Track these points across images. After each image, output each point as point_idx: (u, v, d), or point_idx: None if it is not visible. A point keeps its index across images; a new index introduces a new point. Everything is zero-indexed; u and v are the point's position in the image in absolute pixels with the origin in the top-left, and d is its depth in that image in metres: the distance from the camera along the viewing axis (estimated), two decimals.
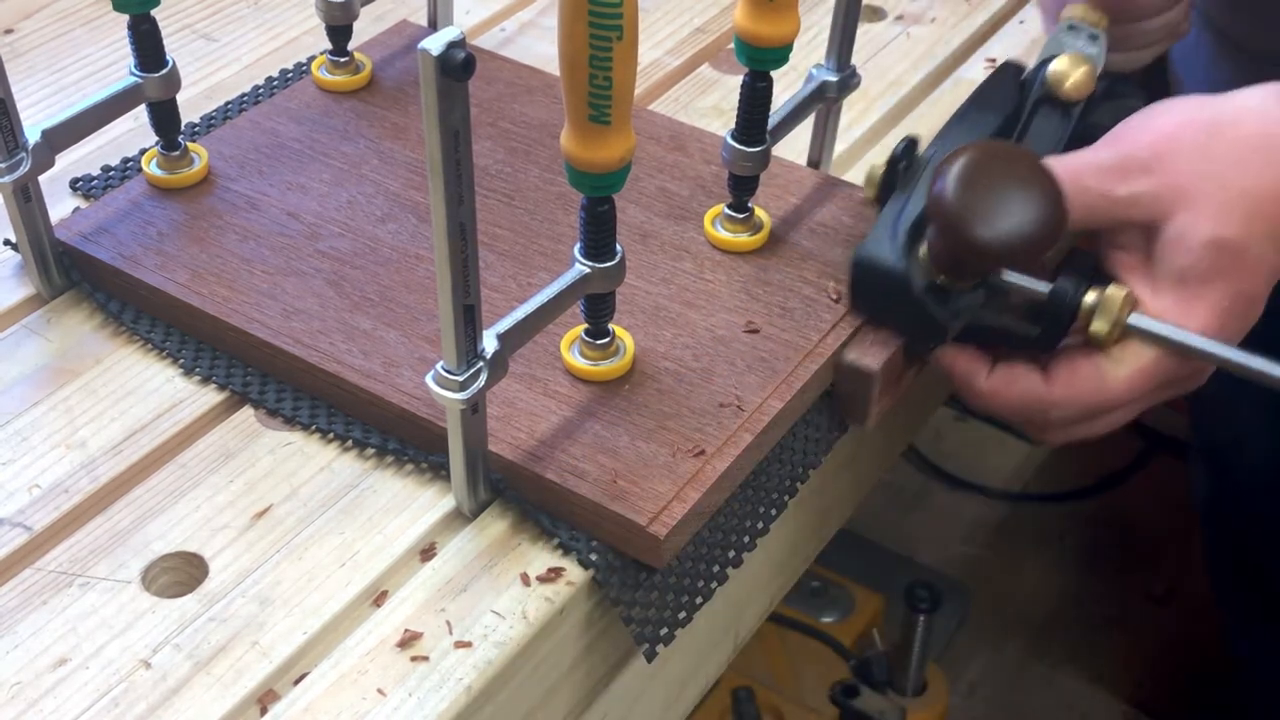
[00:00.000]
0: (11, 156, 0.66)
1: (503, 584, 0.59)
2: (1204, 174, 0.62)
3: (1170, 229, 0.63)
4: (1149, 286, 0.64)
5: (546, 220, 0.73)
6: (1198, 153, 0.63)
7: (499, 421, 0.62)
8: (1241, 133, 0.63)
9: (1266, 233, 0.62)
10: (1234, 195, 0.62)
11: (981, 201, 0.60)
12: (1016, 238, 0.60)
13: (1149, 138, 0.64)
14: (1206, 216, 0.62)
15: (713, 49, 0.91)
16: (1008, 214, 0.60)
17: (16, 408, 0.66)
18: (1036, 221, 0.61)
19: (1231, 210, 0.62)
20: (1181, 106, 0.65)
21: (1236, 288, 0.63)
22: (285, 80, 0.84)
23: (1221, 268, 0.62)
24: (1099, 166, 0.64)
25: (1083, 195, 0.63)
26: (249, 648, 0.56)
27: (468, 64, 0.48)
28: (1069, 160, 0.65)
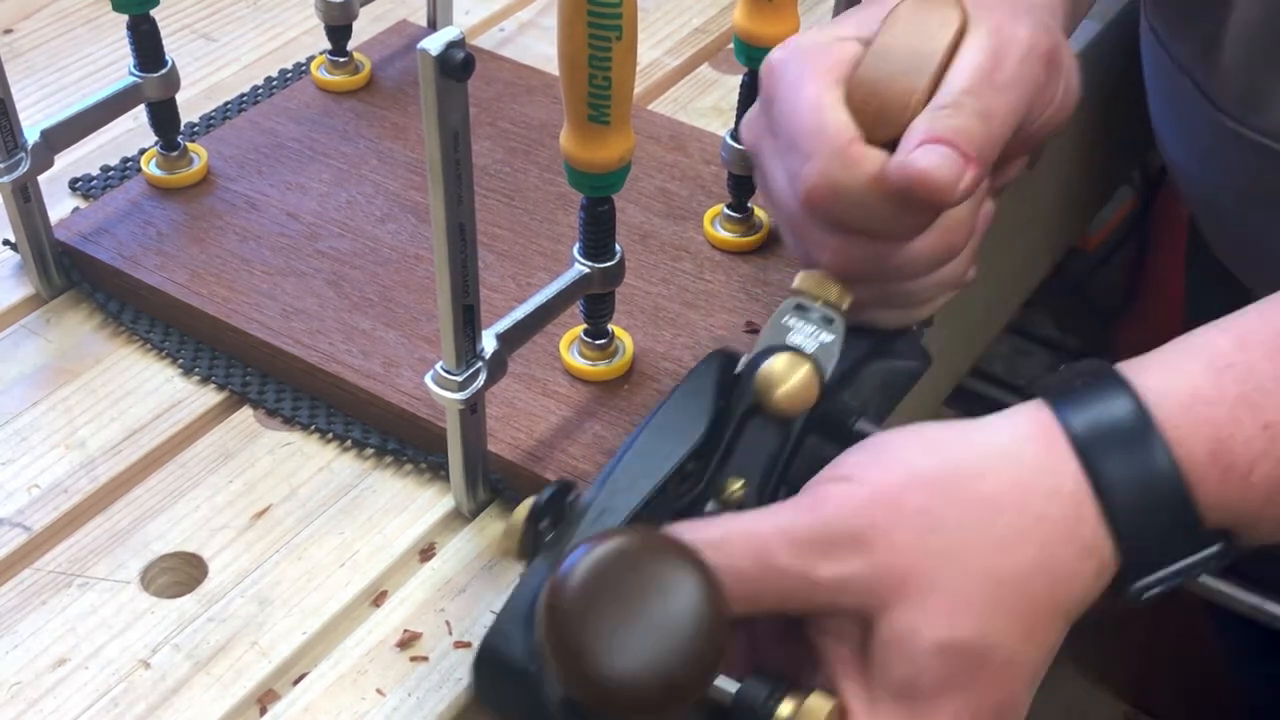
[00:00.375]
0: (11, 156, 0.66)
1: (502, 584, 0.59)
2: (932, 552, 0.47)
3: (888, 627, 0.47)
4: (865, 695, 0.47)
5: (546, 220, 0.73)
6: (925, 521, 0.47)
7: (498, 421, 0.62)
8: (986, 489, 0.48)
9: (1016, 625, 0.47)
10: (970, 581, 0.47)
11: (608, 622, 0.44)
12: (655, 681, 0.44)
13: (860, 500, 0.48)
14: (934, 612, 0.46)
15: (712, 49, 0.91)
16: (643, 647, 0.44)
17: (16, 408, 0.66)
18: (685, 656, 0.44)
19: (969, 603, 0.47)
20: (910, 449, 0.49)
21: (981, 701, 0.47)
22: (285, 80, 0.84)
23: (957, 678, 0.47)
24: (795, 539, 0.47)
25: (773, 577, 0.47)
26: (248, 648, 0.56)
27: (467, 64, 0.48)
28: (755, 528, 0.48)
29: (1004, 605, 0.47)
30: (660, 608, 0.44)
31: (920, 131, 0.52)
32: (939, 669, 0.47)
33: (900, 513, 0.47)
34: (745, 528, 0.48)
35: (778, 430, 0.54)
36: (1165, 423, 0.47)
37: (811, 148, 0.54)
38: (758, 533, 0.48)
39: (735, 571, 0.47)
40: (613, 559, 0.45)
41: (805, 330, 0.56)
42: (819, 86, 0.55)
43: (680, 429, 0.54)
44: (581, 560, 0.45)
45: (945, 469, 0.48)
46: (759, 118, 0.58)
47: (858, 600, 0.47)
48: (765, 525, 0.48)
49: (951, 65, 0.54)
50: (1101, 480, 0.47)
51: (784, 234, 0.59)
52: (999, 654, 0.47)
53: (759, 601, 0.48)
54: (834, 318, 0.56)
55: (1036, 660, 0.48)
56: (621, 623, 0.44)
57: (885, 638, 0.47)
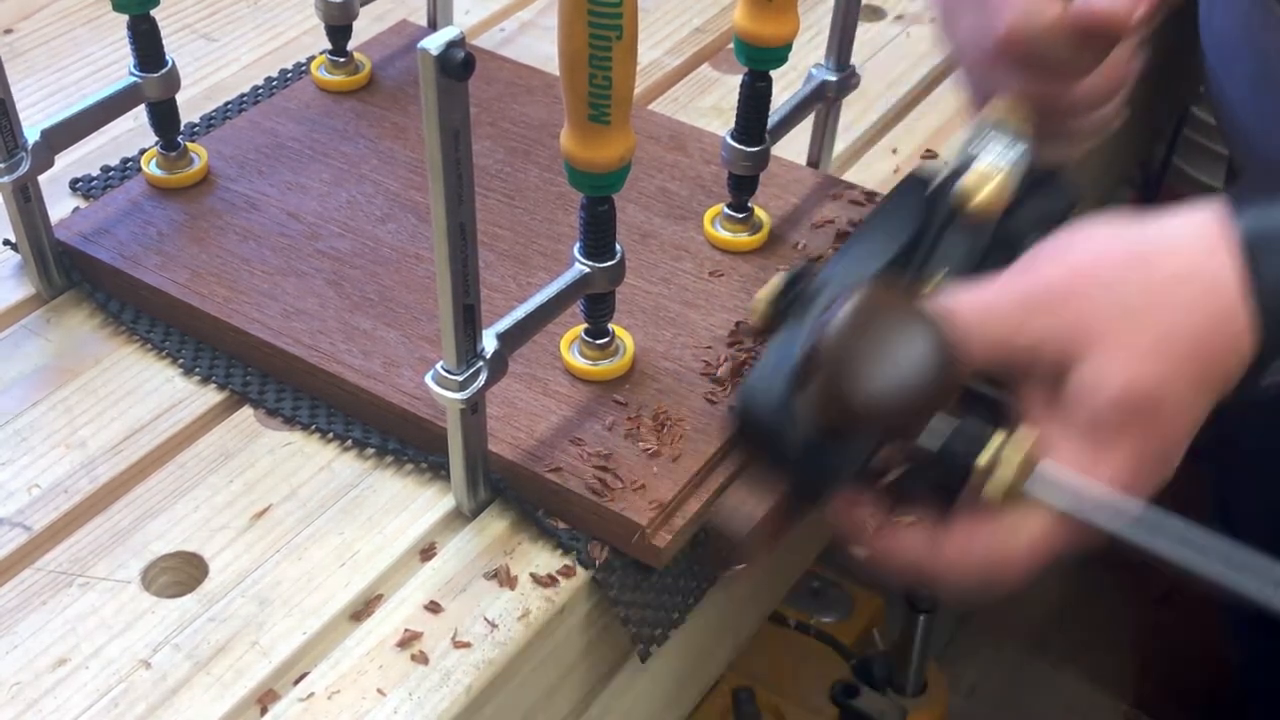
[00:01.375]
0: (11, 156, 0.66)
1: (502, 584, 0.59)
2: (1120, 314, 0.55)
3: (1080, 374, 0.55)
4: (1058, 433, 0.56)
5: (546, 220, 0.73)
6: (1114, 290, 0.56)
7: (499, 421, 0.62)
8: (1166, 267, 0.56)
9: (1189, 377, 0.55)
10: (1153, 338, 0.55)
11: (863, 359, 0.53)
12: (900, 403, 0.53)
13: (1058, 274, 0.57)
14: (1120, 362, 0.55)
15: (712, 49, 0.91)
16: (892, 374, 0.53)
17: (16, 408, 0.66)
18: (923, 385, 0.53)
19: (1148, 355, 0.55)
20: (1097, 234, 0.58)
21: (1151, 441, 0.56)
22: (285, 80, 0.84)
23: (1135, 420, 0.55)
24: (1001, 309, 0.57)
25: (985, 339, 0.56)
26: (249, 648, 0.56)
27: (467, 64, 0.48)
28: (971, 299, 0.57)
29: (1179, 358, 0.55)
30: (907, 346, 0.53)
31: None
32: (1120, 410, 0.55)
33: (1092, 281, 0.56)
34: (962, 302, 0.57)
35: (972, 237, 0.63)
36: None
37: None
38: (973, 303, 0.57)
39: (961, 330, 0.55)
40: (870, 307, 0.54)
41: (994, 149, 0.64)
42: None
43: (888, 235, 0.64)
44: (847, 305, 0.54)
45: (1130, 250, 0.57)
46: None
47: (1056, 352, 0.56)
48: (980, 298, 0.57)
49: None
50: (1256, 273, 0.55)
51: (968, 77, 0.69)
52: (1169, 403, 0.55)
53: (978, 354, 0.56)
54: (1020, 138, 0.64)
55: (1196, 417, 0.56)
56: (876, 358, 0.53)
57: (1077, 384, 0.55)
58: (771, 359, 0.58)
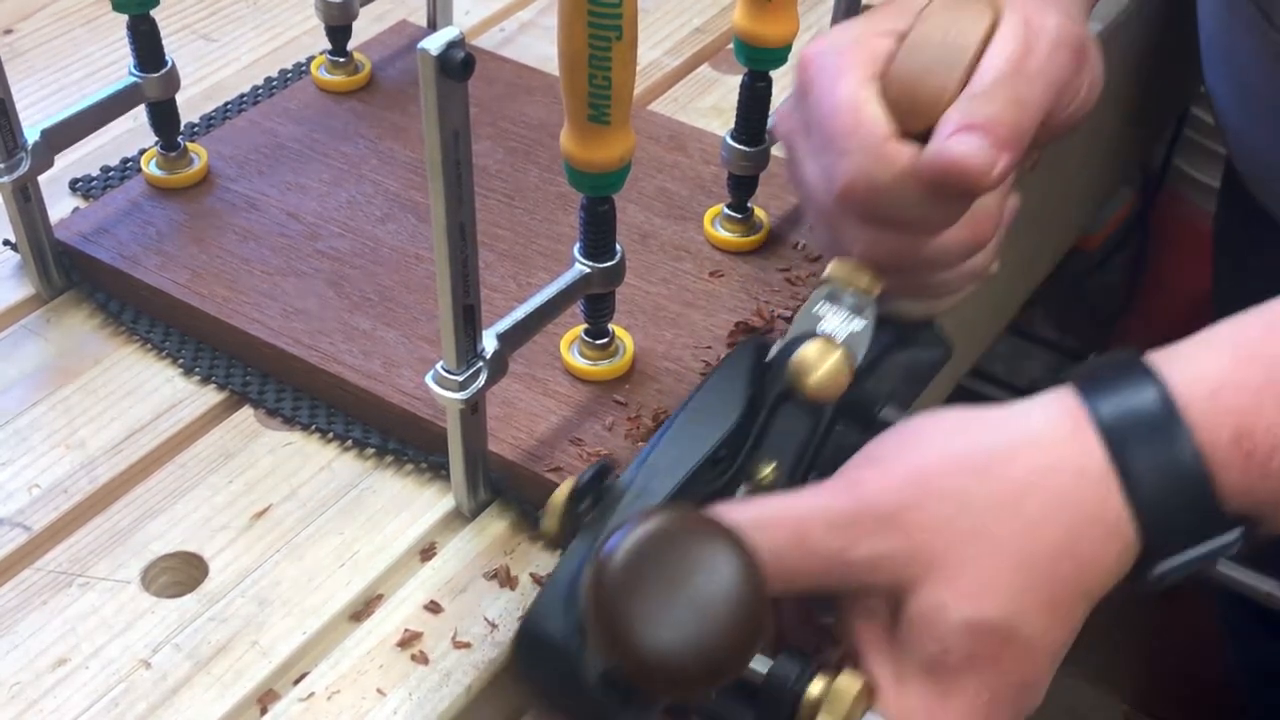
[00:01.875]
0: (11, 156, 0.66)
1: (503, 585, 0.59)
2: (962, 533, 0.48)
3: (918, 604, 0.48)
4: (892, 672, 0.49)
5: (546, 220, 0.73)
6: (955, 502, 0.48)
7: (499, 421, 0.62)
8: (1015, 471, 0.49)
9: (1042, 605, 0.48)
10: (1001, 561, 0.48)
11: (651, 602, 0.45)
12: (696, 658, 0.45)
13: (895, 479, 0.49)
14: (962, 590, 0.48)
15: (712, 49, 0.91)
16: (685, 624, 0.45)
17: (16, 408, 0.66)
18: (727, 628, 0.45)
19: (996, 581, 0.48)
20: (940, 432, 0.51)
21: (1003, 678, 0.49)
22: (285, 80, 0.84)
23: (983, 656, 0.48)
24: (830, 520, 0.49)
25: (810, 557, 0.49)
26: (249, 648, 0.56)
27: (467, 64, 0.48)
28: (792, 509, 0.50)
29: (1030, 586, 0.48)
30: (702, 586, 0.45)
31: (954, 120, 0.53)
32: (966, 646, 0.48)
33: (932, 494, 0.49)
34: (783, 509, 0.50)
35: (809, 416, 0.55)
36: (1190, 410, 0.48)
37: (847, 145, 0.55)
38: (795, 513, 0.49)
39: (773, 551, 0.48)
40: (656, 537, 0.46)
41: (837, 318, 0.57)
42: (854, 82, 0.55)
43: (715, 415, 0.55)
44: (625, 538, 0.46)
45: (975, 452, 0.50)
46: (793, 112, 0.59)
47: (890, 578, 0.49)
48: (802, 506, 0.50)
49: (984, 56, 0.55)
50: (1127, 467, 0.48)
51: (815, 225, 0.61)
52: (1024, 633, 0.48)
53: (795, 580, 0.49)
54: (865, 305, 0.57)
55: (1060, 639, 0.50)
56: (664, 600, 0.45)
57: (914, 615, 0.48)
58: (565, 574, 0.51)
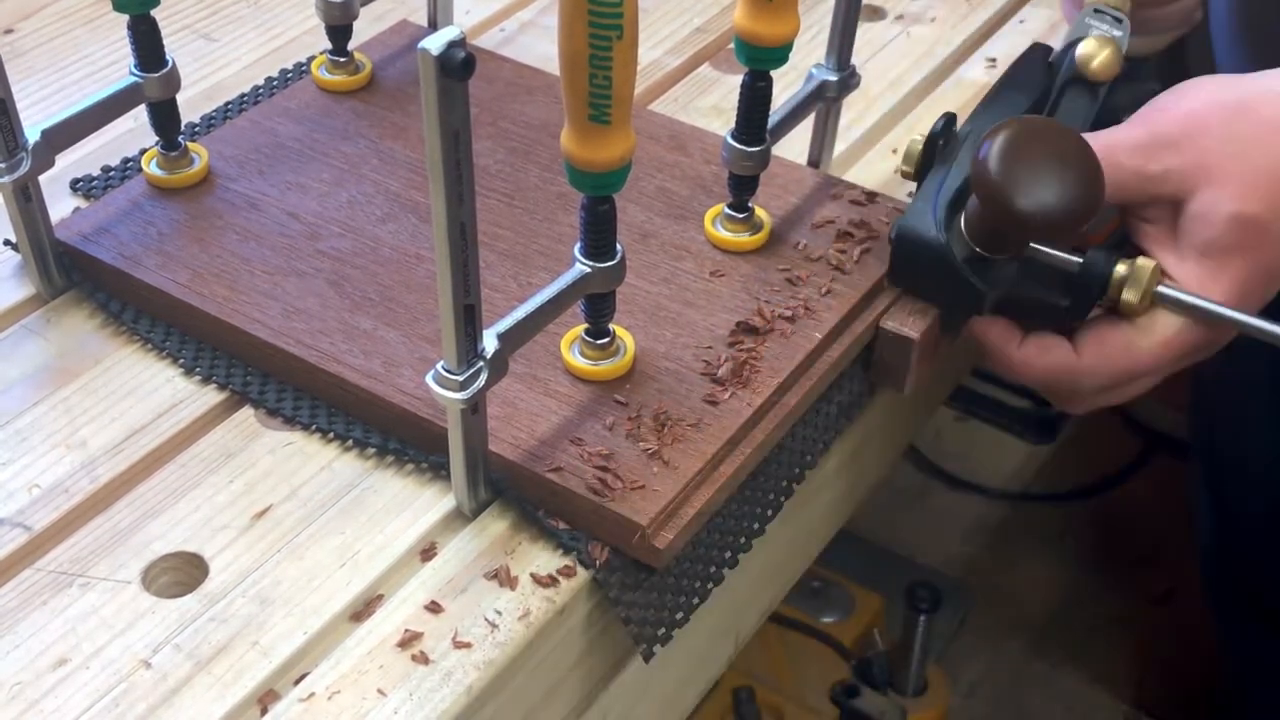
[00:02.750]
0: (11, 156, 0.66)
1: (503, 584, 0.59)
2: (1229, 153, 0.65)
3: (1196, 204, 0.65)
4: (1175, 258, 0.66)
5: (546, 220, 0.73)
6: (1223, 132, 0.65)
7: (499, 421, 0.62)
8: (1265, 114, 0.65)
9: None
10: (1257, 173, 0.64)
11: (1023, 174, 0.62)
12: (1057, 210, 0.62)
13: (1177, 117, 0.66)
14: (1231, 192, 0.64)
15: (713, 49, 0.91)
16: (1049, 187, 0.62)
17: (16, 408, 0.66)
18: (1076, 195, 0.62)
19: (1255, 187, 0.64)
20: (1209, 87, 0.67)
21: (1258, 261, 0.65)
22: (285, 80, 0.84)
23: (1244, 242, 0.64)
24: (1131, 144, 0.66)
25: (1115, 172, 0.64)
26: (249, 648, 0.56)
27: (467, 64, 0.48)
28: (1103, 137, 0.66)
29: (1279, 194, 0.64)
30: (1060, 166, 0.62)
31: None
32: (1232, 233, 0.64)
33: (1205, 124, 0.66)
34: (1096, 139, 0.65)
35: (1090, 95, 0.73)
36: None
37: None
38: (1105, 140, 0.66)
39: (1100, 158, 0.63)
40: (1026, 128, 0.63)
41: (1101, 27, 0.74)
42: None
43: (1020, 91, 0.74)
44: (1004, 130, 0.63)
45: (1237, 97, 0.66)
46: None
47: (1174, 188, 0.65)
48: (1111, 136, 0.67)
49: None
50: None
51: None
52: (1274, 228, 0.64)
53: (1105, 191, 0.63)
54: (1122, 18, 0.74)
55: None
56: (1036, 171, 0.62)
57: (1194, 211, 0.65)
58: (928, 192, 0.68)
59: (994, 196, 0.62)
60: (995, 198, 0.62)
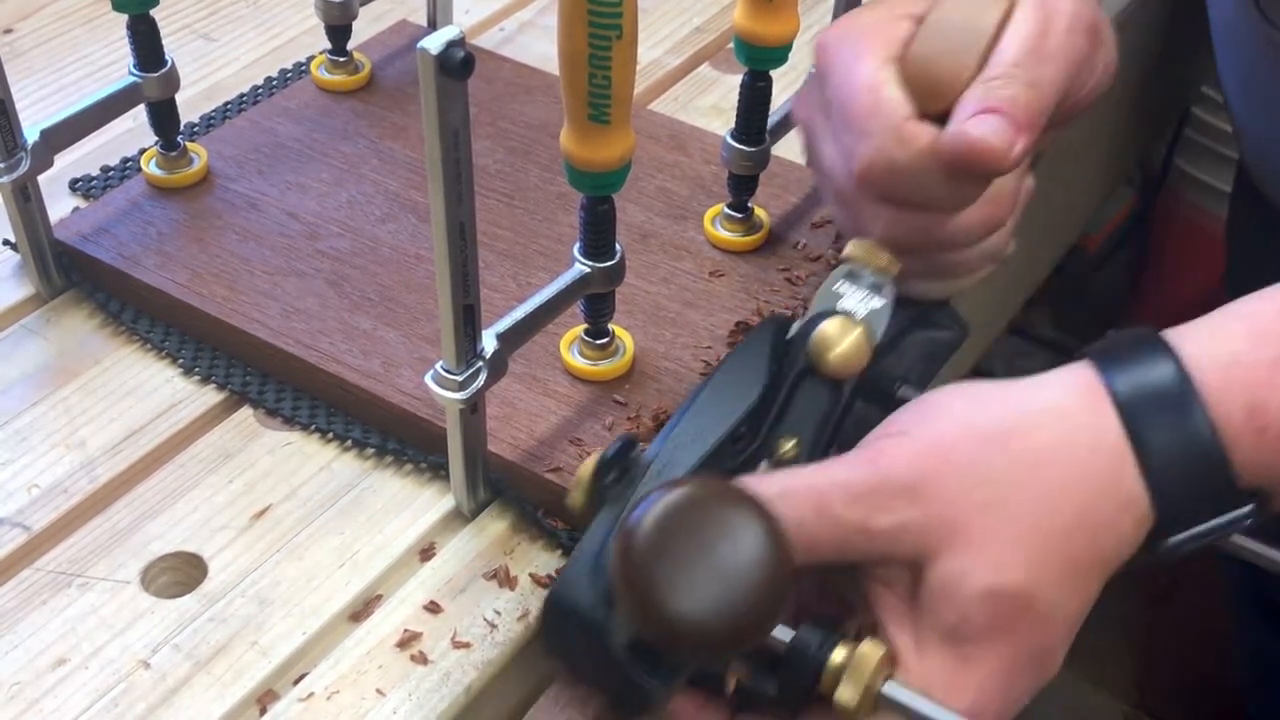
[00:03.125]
0: (10, 156, 0.66)
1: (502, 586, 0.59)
2: (981, 502, 0.49)
3: (937, 573, 0.49)
4: (913, 640, 0.50)
5: (546, 220, 0.73)
6: (975, 473, 0.50)
7: (499, 421, 0.62)
8: (1033, 444, 0.50)
9: (1060, 574, 0.50)
10: (1019, 531, 0.49)
11: (679, 568, 0.46)
12: (724, 617, 0.46)
13: (915, 451, 0.50)
14: (983, 559, 0.49)
15: (712, 49, 0.91)
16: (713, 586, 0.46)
17: (16, 408, 0.66)
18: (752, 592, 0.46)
19: (1015, 551, 0.49)
20: (960, 404, 0.52)
21: (1021, 646, 0.50)
22: (284, 80, 0.84)
23: (1001, 623, 0.49)
24: (852, 491, 0.50)
25: (832, 528, 0.50)
26: (248, 648, 0.56)
27: (467, 63, 0.48)
28: (814, 481, 0.51)
29: (1048, 555, 0.49)
30: (729, 553, 0.46)
31: (973, 102, 0.54)
32: (985, 614, 0.49)
33: (952, 464, 0.50)
34: (805, 481, 0.51)
35: (829, 392, 0.56)
36: (1204, 385, 0.49)
37: (866, 126, 0.56)
38: (817, 485, 0.50)
39: (796, 522, 0.49)
40: (683, 505, 0.47)
41: (856, 296, 0.58)
42: (873, 64, 0.56)
43: (737, 390, 0.56)
44: (653, 506, 0.47)
45: (994, 424, 0.51)
46: (811, 94, 0.60)
47: (911, 548, 0.50)
48: (824, 478, 0.51)
49: (1000, 38, 0.56)
50: (1141, 441, 0.49)
51: (833, 207, 0.62)
52: (1042, 601, 0.49)
53: (817, 550, 0.50)
54: (883, 284, 0.58)
55: (1076, 609, 0.51)
56: (692, 566, 0.46)
57: (935, 583, 0.49)
58: (592, 546, 0.52)
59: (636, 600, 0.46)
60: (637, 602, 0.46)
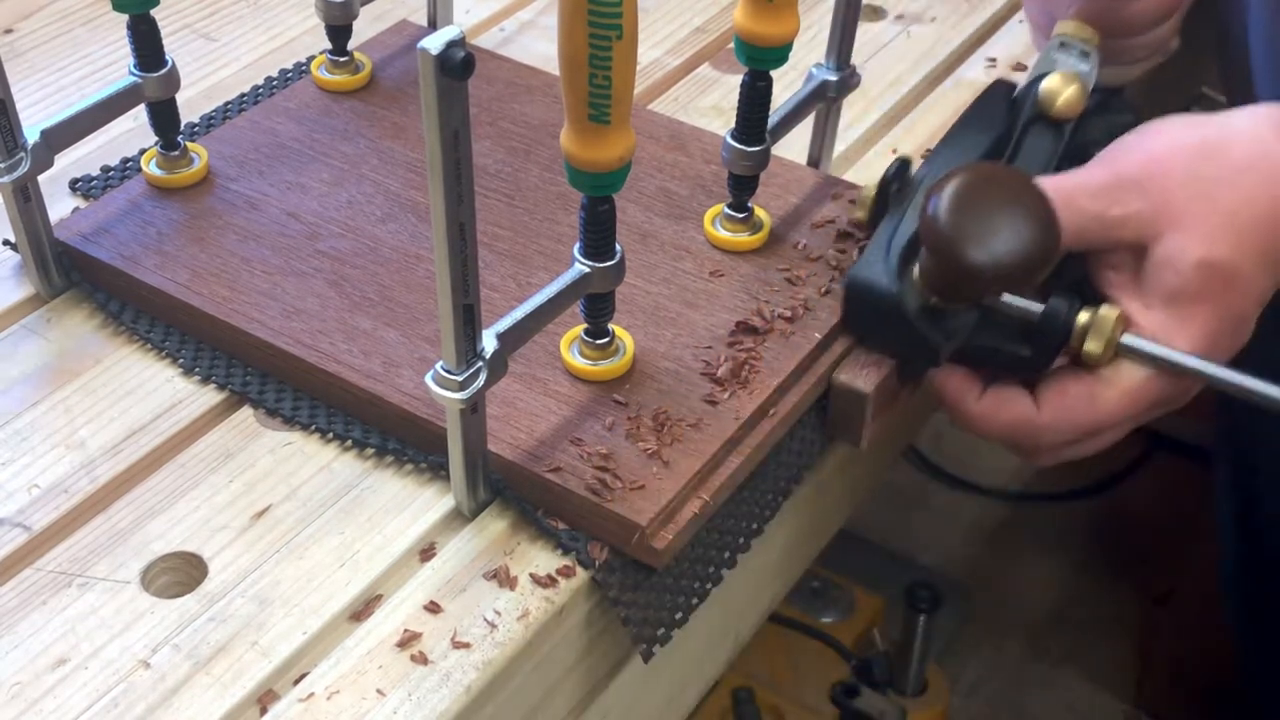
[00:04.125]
0: (11, 156, 0.66)
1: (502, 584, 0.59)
2: (1194, 195, 0.62)
3: (1161, 249, 0.62)
4: (1140, 305, 0.63)
5: (546, 220, 0.73)
6: (1188, 174, 0.63)
7: (499, 421, 0.62)
8: (1232, 155, 0.63)
9: (1257, 254, 0.62)
10: (1224, 217, 0.62)
11: (975, 224, 0.59)
12: (1010, 261, 0.59)
13: (1140, 159, 0.64)
14: (1197, 237, 0.62)
15: (713, 48, 0.91)
16: (1001, 237, 0.59)
17: (16, 408, 0.66)
18: (1030, 244, 0.59)
19: (1222, 231, 0.62)
20: (1172, 127, 0.65)
21: (1226, 308, 0.63)
22: (285, 80, 0.84)
23: (1211, 288, 0.62)
24: (1092, 187, 0.64)
25: (1076, 216, 0.62)
26: (248, 648, 0.56)
27: (467, 63, 0.48)
28: (1062, 181, 0.64)
29: (1250, 238, 0.62)
30: (1015, 213, 0.59)
31: None
32: (1199, 280, 0.62)
33: (1169, 167, 0.63)
34: (1055, 182, 0.63)
35: (1054, 134, 0.70)
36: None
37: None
38: (1065, 185, 0.64)
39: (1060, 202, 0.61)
40: (976, 179, 0.60)
41: (1069, 61, 0.71)
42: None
43: (980, 130, 0.71)
44: (952, 179, 0.60)
45: (1202, 138, 0.64)
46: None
47: (1137, 232, 0.63)
48: (1070, 180, 0.64)
49: None
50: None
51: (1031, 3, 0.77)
52: (1244, 274, 0.62)
53: (1064, 236, 0.61)
54: (1089, 51, 0.71)
55: (1268, 285, 0.63)
56: (988, 220, 0.59)
57: (1158, 258, 0.63)
58: (881, 240, 0.65)
59: (944, 249, 0.60)
60: (945, 251, 0.60)
